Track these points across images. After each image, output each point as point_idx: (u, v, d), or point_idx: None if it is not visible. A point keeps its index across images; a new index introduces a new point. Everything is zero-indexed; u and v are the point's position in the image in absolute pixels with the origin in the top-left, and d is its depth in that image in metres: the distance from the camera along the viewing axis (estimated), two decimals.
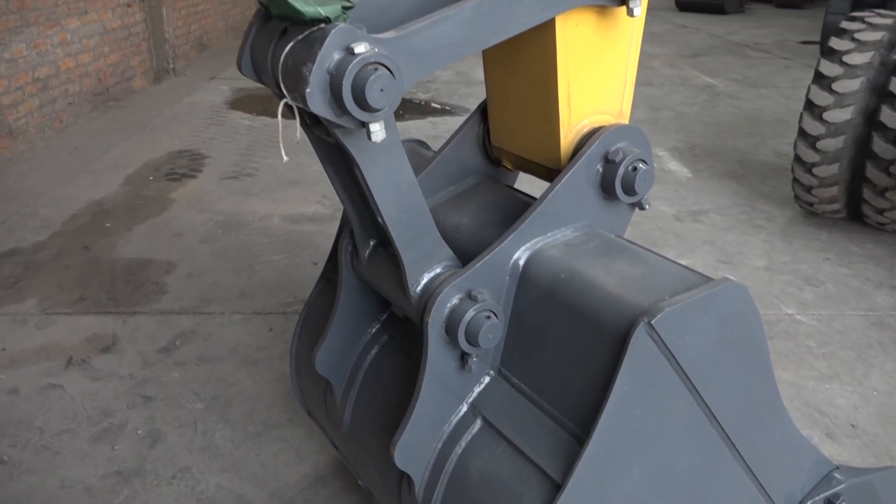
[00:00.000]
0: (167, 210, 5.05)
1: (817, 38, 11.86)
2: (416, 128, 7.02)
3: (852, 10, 10.07)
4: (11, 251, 4.41)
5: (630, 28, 1.77)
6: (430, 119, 7.48)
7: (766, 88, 9.13)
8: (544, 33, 1.67)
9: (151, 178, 5.68)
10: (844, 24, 4.49)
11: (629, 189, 1.76)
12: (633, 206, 1.85)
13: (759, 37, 13.76)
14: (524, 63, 1.81)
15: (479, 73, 7.16)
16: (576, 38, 1.70)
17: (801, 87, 9.08)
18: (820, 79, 4.41)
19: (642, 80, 8.87)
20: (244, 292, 3.93)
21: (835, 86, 4.31)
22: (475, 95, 7.89)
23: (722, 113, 7.89)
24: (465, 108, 7.99)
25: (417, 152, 2.38)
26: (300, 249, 4.45)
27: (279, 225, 4.81)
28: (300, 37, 1.45)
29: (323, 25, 1.44)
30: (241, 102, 8.11)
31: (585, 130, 1.81)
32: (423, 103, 8.09)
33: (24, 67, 6.31)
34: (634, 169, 1.74)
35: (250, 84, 8.98)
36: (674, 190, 5.53)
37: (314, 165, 1.80)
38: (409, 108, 7.77)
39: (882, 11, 4.56)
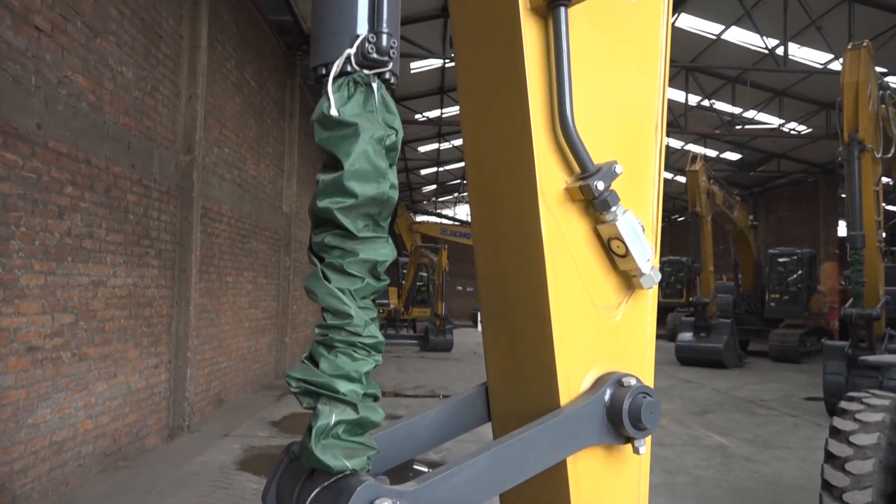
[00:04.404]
0: None
1: (820, 394, 12.17)
2: None
3: (848, 371, 10.56)
4: None
5: (637, 461, 1.85)
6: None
7: (780, 449, 9.08)
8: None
9: None
10: (844, 405, 4.64)
11: None
12: None
13: (763, 392, 14.11)
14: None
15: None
16: (586, 472, 1.78)
17: (814, 447, 9.06)
18: (832, 458, 4.42)
19: (654, 441, 8.89)
20: None
21: (848, 466, 4.30)
22: None
23: (739, 478, 7.74)
24: None
25: None
26: None
27: None
28: (326, 483, 1.53)
29: (348, 473, 1.52)
30: (249, 463, 8.07)
31: None
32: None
33: (43, 432, 6.43)
34: None
35: (260, 443, 9.05)
36: None
37: None
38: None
39: (877, 392, 4.75)
